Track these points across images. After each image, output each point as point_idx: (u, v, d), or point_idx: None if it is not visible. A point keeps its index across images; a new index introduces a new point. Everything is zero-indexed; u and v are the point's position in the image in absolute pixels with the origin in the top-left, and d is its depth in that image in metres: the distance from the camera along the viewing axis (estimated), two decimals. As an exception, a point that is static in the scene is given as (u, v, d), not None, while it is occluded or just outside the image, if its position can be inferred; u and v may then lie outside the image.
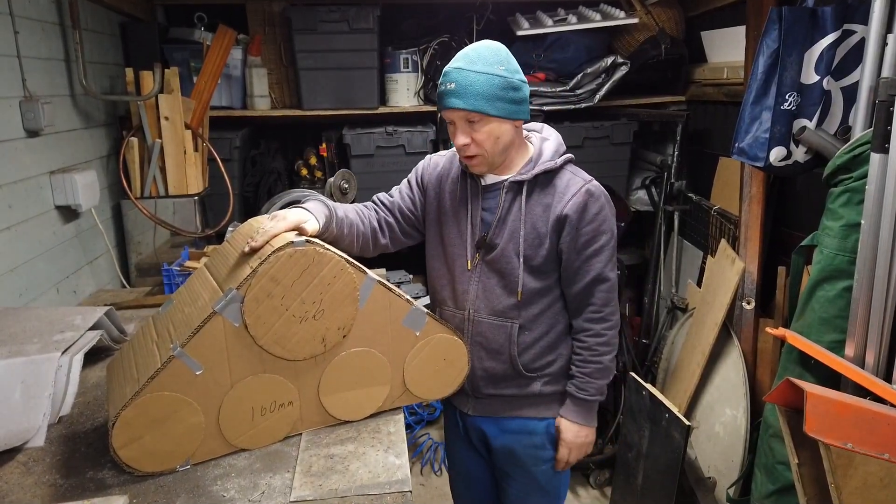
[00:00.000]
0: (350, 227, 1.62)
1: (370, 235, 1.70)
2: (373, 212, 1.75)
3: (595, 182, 1.62)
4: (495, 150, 1.55)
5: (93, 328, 1.73)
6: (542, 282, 1.63)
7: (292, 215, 1.45)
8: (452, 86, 1.50)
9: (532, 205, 1.60)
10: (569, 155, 1.64)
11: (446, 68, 1.53)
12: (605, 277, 1.62)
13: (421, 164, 1.80)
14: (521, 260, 1.60)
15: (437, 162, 1.76)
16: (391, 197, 1.78)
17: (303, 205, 1.52)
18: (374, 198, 1.79)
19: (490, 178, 1.64)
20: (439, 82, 1.54)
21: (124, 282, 2.70)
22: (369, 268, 1.44)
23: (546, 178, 1.60)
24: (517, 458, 1.75)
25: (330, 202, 1.61)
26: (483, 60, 1.49)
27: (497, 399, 1.72)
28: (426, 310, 1.51)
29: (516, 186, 1.61)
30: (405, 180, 1.81)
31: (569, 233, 1.58)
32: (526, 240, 1.60)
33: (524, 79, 1.55)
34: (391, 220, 1.75)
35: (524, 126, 1.67)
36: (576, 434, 1.70)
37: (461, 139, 1.54)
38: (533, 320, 1.65)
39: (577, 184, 1.59)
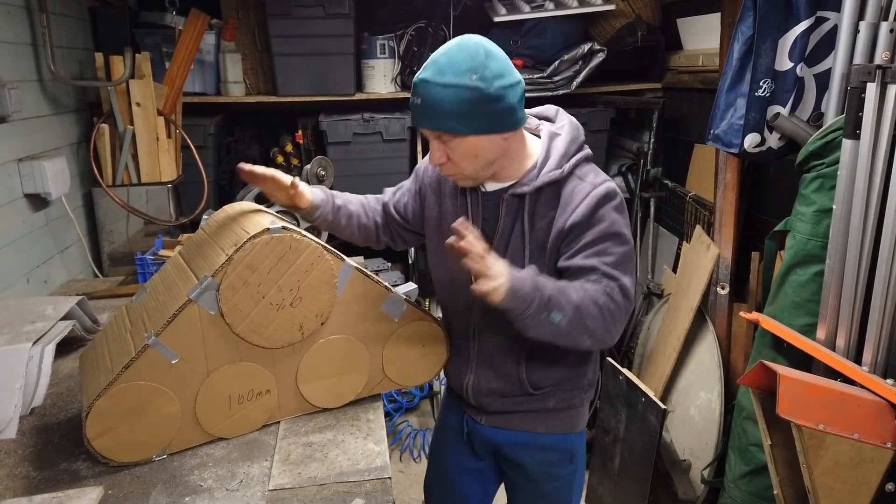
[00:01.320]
0: (349, 218, 1.59)
1: (373, 230, 1.65)
2: (379, 207, 1.68)
3: (607, 185, 1.39)
4: (476, 166, 1.37)
5: (65, 318, 1.71)
6: None
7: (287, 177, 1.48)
8: (419, 101, 1.31)
9: (536, 218, 1.41)
10: (579, 155, 1.43)
11: (416, 77, 1.33)
12: (610, 274, 1.35)
13: (420, 164, 1.64)
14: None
15: None
16: (392, 196, 1.68)
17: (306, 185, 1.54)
18: (384, 191, 1.72)
19: (490, 186, 1.46)
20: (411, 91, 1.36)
21: (97, 271, 2.65)
22: (347, 255, 1.44)
23: (552, 188, 1.40)
24: (527, 472, 1.63)
25: (334, 192, 1.61)
26: (454, 69, 1.27)
27: (508, 414, 1.59)
28: (404, 296, 1.50)
29: (517, 200, 1.42)
30: (407, 181, 1.67)
31: (570, 241, 1.38)
32: (531, 258, 1.42)
33: (511, 82, 1.31)
34: (389, 223, 1.67)
35: (534, 111, 1.53)
36: (503, 279, 1.26)
37: (436, 157, 1.37)
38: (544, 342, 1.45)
39: (583, 191, 1.38)
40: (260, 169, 1.47)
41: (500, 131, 1.34)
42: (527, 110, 1.48)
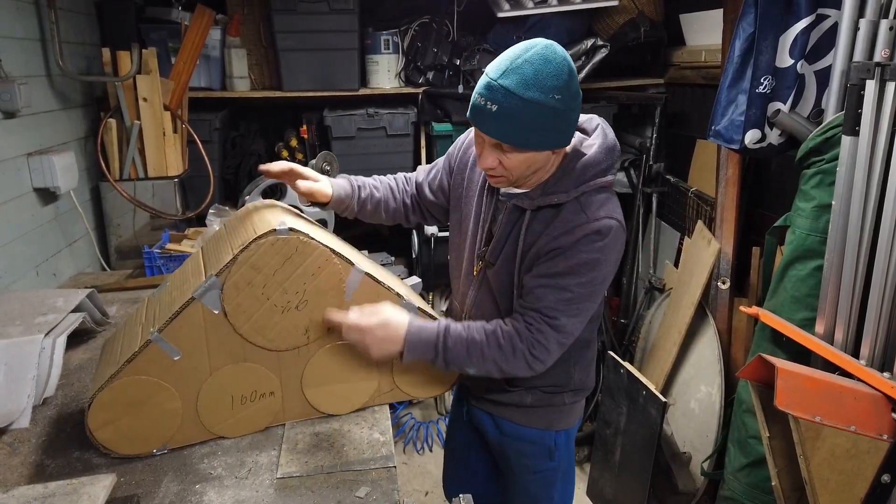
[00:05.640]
0: (376, 206, 1.60)
1: (402, 212, 1.65)
2: (410, 187, 1.67)
3: (604, 221, 1.33)
4: (525, 173, 1.35)
5: (75, 310, 1.73)
6: None
7: (309, 170, 1.48)
8: (493, 108, 1.23)
9: (529, 234, 1.40)
10: (594, 182, 1.36)
11: (491, 78, 1.24)
12: (551, 317, 1.35)
13: (459, 140, 1.61)
14: (517, 290, 1.44)
15: (473, 143, 1.53)
16: (427, 175, 1.65)
17: (330, 179, 1.53)
18: (417, 170, 1.70)
19: (506, 188, 1.44)
20: (477, 89, 1.27)
21: (104, 264, 2.68)
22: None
23: (552, 209, 1.38)
24: (507, 460, 1.67)
25: (361, 181, 1.59)
26: (539, 84, 1.22)
27: (491, 402, 1.63)
28: (417, 304, 1.46)
29: (518, 212, 1.42)
30: (441, 159, 1.65)
31: (542, 261, 1.37)
32: (519, 273, 1.42)
33: (580, 101, 1.30)
34: (418, 199, 1.66)
35: None
36: (377, 321, 1.35)
37: (488, 161, 1.32)
38: None
39: (576, 220, 1.34)
40: (278, 165, 1.48)
41: (559, 146, 1.33)
42: None
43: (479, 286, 1.52)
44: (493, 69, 1.26)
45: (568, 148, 1.39)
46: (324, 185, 1.50)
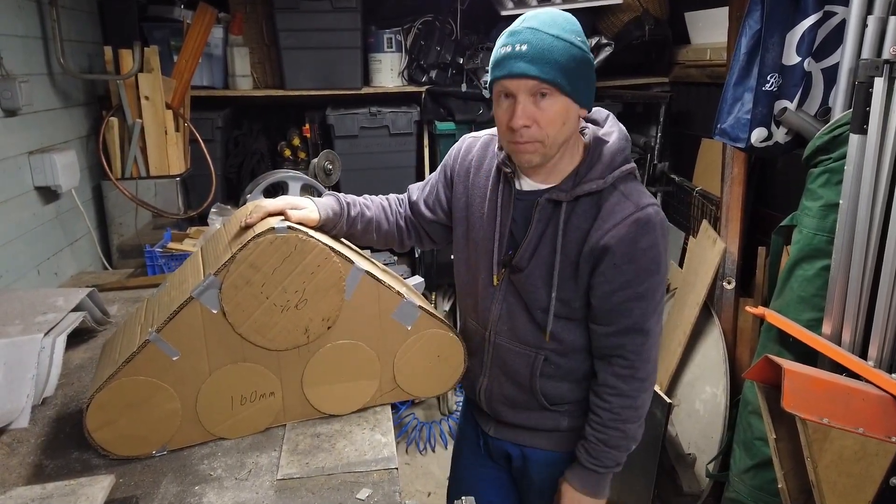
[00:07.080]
0: (367, 226, 1.50)
1: (395, 234, 1.56)
2: (403, 208, 1.59)
3: (650, 209, 1.29)
4: (558, 137, 1.27)
5: (75, 310, 1.72)
6: (576, 315, 1.39)
7: (290, 198, 1.39)
8: (524, 48, 1.21)
9: (569, 230, 1.32)
10: (624, 168, 1.33)
11: (512, 27, 1.25)
12: (644, 329, 1.34)
13: (453, 150, 1.54)
14: (552, 294, 1.36)
15: (471, 147, 1.50)
16: (421, 192, 1.57)
17: (314, 198, 1.44)
18: (408, 189, 1.61)
19: (526, 185, 1.37)
20: (499, 45, 1.25)
21: (106, 263, 2.67)
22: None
23: (590, 199, 1.32)
24: (531, 484, 1.58)
25: (350, 199, 1.50)
26: (559, 25, 1.24)
27: (519, 428, 1.53)
28: (418, 304, 1.43)
29: (551, 206, 1.34)
30: (433, 174, 1.58)
31: (606, 269, 1.30)
32: (561, 272, 1.34)
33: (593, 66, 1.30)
34: (415, 221, 1.57)
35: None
36: None
37: (522, 119, 1.24)
38: (562, 353, 1.42)
39: (624, 209, 1.29)
40: (256, 216, 1.34)
41: (585, 105, 1.29)
42: None
43: (505, 296, 1.43)
44: (512, 25, 1.27)
45: (587, 138, 1.36)
46: (311, 210, 1.39)
